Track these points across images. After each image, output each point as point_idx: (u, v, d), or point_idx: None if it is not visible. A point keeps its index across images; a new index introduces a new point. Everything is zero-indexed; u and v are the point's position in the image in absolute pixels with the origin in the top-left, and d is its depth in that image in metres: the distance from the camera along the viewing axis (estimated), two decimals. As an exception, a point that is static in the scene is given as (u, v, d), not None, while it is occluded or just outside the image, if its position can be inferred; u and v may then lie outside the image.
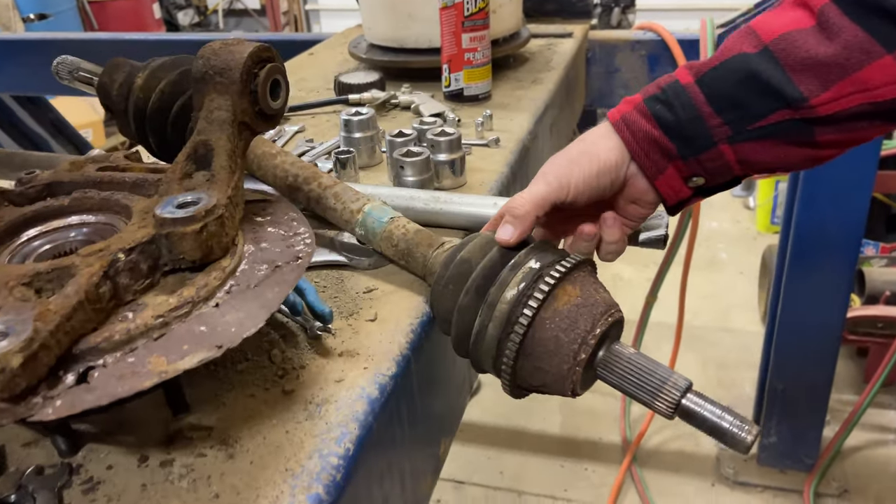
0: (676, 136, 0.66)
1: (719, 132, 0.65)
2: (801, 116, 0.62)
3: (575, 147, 0.71)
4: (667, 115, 0.66)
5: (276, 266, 0.55)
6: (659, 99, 0.67)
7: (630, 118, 0.68)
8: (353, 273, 0.77)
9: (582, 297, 0.61)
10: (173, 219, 0.51)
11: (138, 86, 0.88)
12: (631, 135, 0.68)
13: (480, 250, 0.66)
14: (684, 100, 0.65)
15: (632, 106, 0.68)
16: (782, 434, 2.00)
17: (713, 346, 2.63)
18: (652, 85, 0.69)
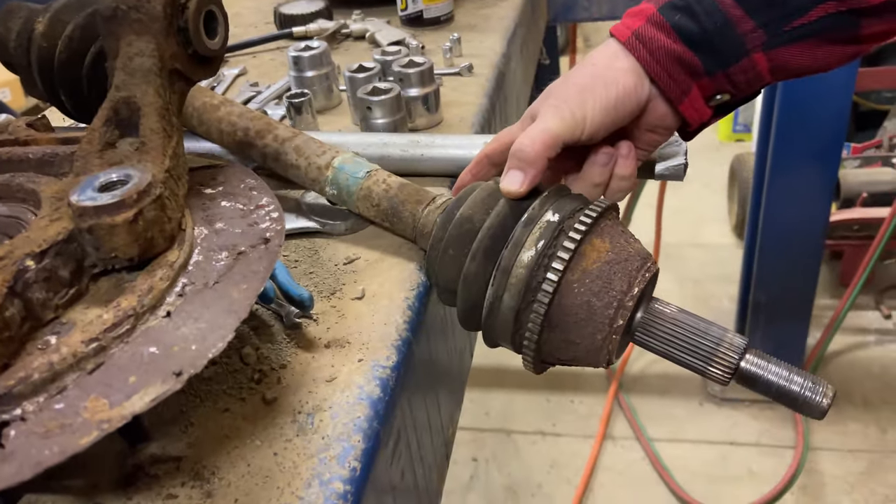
0: (702, 48, 0.56)
1: (753, 38, 0.55)
2: (849, 7, 0.54)
3: (582, 71, 0.59)
4: (689, 26, 0.56)
5: (238, 253, 0.43)
6: (677, 6, 0.56)
7: (645, 34, 0.57)
8: (328, 241, 0.65)
9: (613, 251, 0.51)
10: (95, 207, 0.38)
11: (40, 33, 0.72)
12: (649, 53, 0.57)
13: (483, 205, 0.55)
14: (708, 4, 0.55)
15: (643, 19, 0.58)
16: (766, 346, 1.98)
17: (687, 262, 2.59)
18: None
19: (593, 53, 0.61)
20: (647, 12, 0.58)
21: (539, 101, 0.60)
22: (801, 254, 1.82)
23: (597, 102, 0.57)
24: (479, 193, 0.56)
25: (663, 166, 0.66)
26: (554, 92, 0.59)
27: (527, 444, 2.01)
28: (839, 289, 2.28)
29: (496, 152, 0.61)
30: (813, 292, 1.89)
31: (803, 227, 1.79)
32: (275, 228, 0.45)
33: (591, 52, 0.61)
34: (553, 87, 0.60)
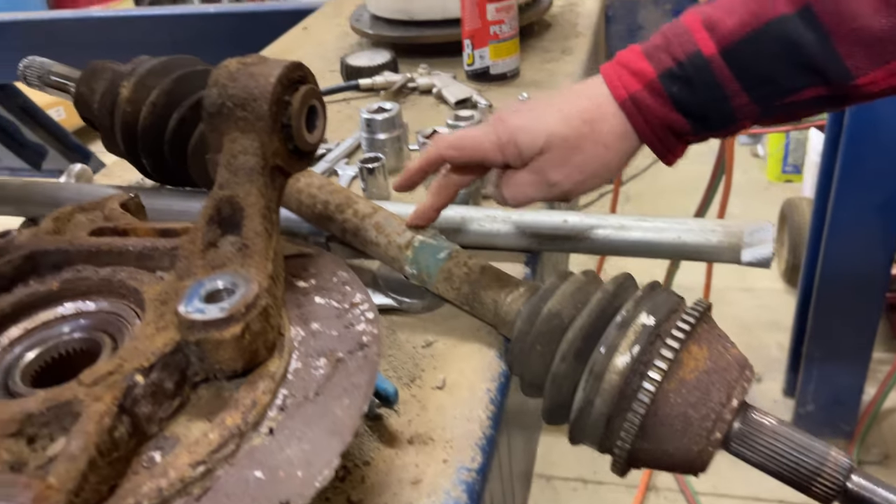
0: (695, 116, 0.56)
1: (745, 111, 0.55)
2: (840, 93, 0.53)
3: (571, 119, 0.57)
4: (687, 98, 0.55)
5: (337, 359, 0.43)
6: (676, 76, 0.55)
7: (642, 102, 0.56)
8: (405, 318, 0.64)
9: (711, 359, 0.49)
10: (204, 322, 0.38)
11: (125, 97, 0.73)
12: (644, 121, 0.56)
13: (572, 299, 0.54)
14: (707, 78, 0.54)
15: (641, 83, 0.56)
16: (819, 402, 1.92)
17: (734, 307, 2.53)
18: (663, 48, 0.55)
19: (582, 93, 0.59)
20: (646, 76, 0.56)
21: (516, 114, 0.59)
22: (859, 307, 1.77)
23: (582, 168, 0.58)
24: (568, 287, 0.55)
25: (750, 255, 0.64)
26: (532, 128, 0.57)
27: (567, 491, 1.97)
28: (894, 342, 2.21)
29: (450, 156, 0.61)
30: (871, 347, 1.82)
31: (863, 280, 1.74)
32: (371, 332, 0.45)
33: (580, 88, 0.59)
34: (528, 113, 0.59)
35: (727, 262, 0.66)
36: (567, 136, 0.57)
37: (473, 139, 0.59)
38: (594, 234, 0.68)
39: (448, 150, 0.60)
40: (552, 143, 0.57)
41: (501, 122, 0.58)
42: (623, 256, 0.70)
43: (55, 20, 1.98)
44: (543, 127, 0.57)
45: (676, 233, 0.67)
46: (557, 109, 0.58)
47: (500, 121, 0.59)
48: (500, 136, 0.58)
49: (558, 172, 0.58)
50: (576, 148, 0.57)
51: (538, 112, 0.58)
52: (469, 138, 0.59)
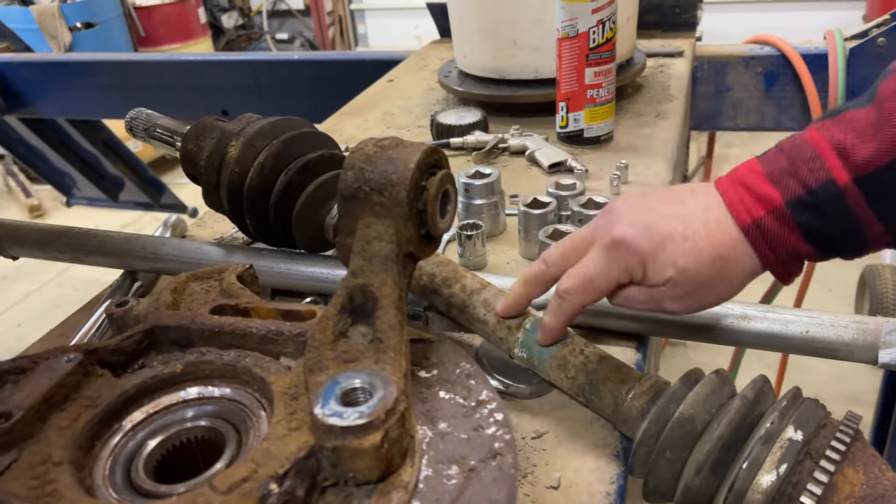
0: (823, 244, 0.53)
1: (878, 240, 0.52)
2: None
3: (702, 255, 0.53)
4: (817, 227, 0.51)
5: (469, 469, 0.40)
6: (807, 205, 0.51)
7: (769, 229, 0.52)
8: (513, 405, 0.61)
9: (868, 484, 0.45)
10: (343, 427, 0.35)
11: (233, 157, 0.73)
12: (771, 250, 0.53)
13: (706, 403, 0.50)
14: (841, 209, 0.50)
15: (765, 208, 0.52)
16: (907, 487, 1.80)
17: (810, 376, 2.42)
18: (790, 173, 0.51)
19: (707, 216, 0.54)
20: (772, 202, 0.52)
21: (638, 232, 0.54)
22: (955, 391, 1.66)
23: (710, 302, 0.56)
24: (702, 389, 0.51)
25: (889, 356, 0.60)
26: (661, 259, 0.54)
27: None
28: None
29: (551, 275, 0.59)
30: (966, 433, 1.70)
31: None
32: (504, 438, 0.42)
33: (700, 207, 0.54)
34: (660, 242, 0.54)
35: (861, 362, 0.61)
36: (697, 276, 0.53)
37: (602, 275, 0.55)
38: (712, 323, 0.64)
39: (578, 296, 0.56)
40: (679, 281, 0.53)
41: (625, 247, 0.54)
42: (740, 346, 0.66)
43: (143, 62, 2.04)
44: (672, 261, 0.53)
45: (805, 326, 0.62)
46: (686, 238, 0.53)
47: (622, 245, 0.54)
48: (627, 265, 0.55)
49: (676, 305, 0.55)
50: (703, 287, 0.54)
51: (666, 235, 0.53)
52: (597, 276, 0.55)
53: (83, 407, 0.41)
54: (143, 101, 0.93)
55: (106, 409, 0.41)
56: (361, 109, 1.32)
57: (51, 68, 2.05)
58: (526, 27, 1.14)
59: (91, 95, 2.09)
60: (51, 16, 3.97)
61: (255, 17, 5.68)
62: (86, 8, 4.06)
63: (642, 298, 0.56)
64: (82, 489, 0.36)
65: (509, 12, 1.14)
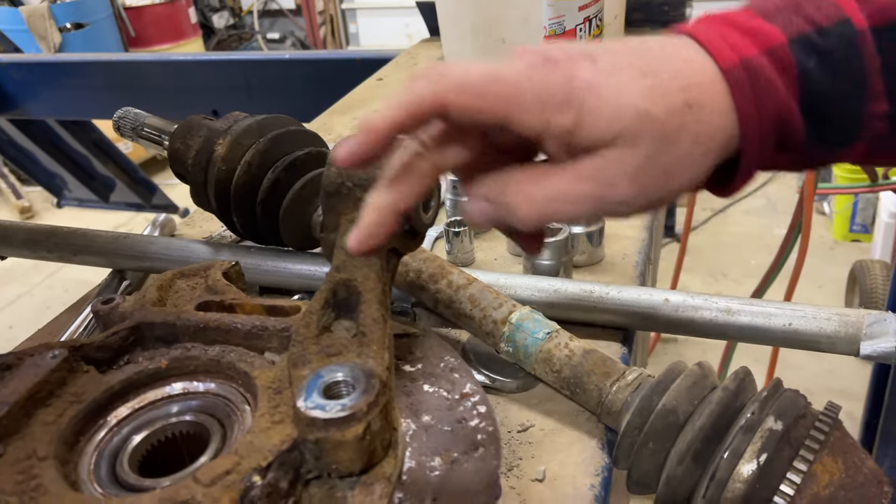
0: (816, 115, 0.38)
1: (873, 125, 0.39)
2: None
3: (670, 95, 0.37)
4: (821, 81, 0.37)
5: (452, 460, 0.40)
6: (817, 48, 0.37)
7: (760, 73, 0.37)
8: (498, 399, 0.62)
9: (847, 473, 0.45)
10: (325, 420, 0.36)
11: (220, 155, 0.73)
12: (756, 105, 0.37)
13: (688, 395, 0.51)
14: (854, 62, 0.37)
15: (761, 45, 0.38)
16: None
17: (798, 371, 2.43)
18: (791, 9, 0.39)
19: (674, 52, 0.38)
20: (770, 38, 0.38)
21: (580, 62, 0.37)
22: (943, 385, 1.67)
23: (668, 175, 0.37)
24: (684, 381, 0.52)
25: (870, 348, 0.60)
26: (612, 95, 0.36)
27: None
28: (976, 418, 2.08)
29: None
30: (954, 427, 1.72)
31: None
32: (487, 430, 0.42)
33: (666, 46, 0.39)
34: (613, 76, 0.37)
35: (843, 354, 0.62)
36: (664, 123, 0.36)
37: (506, 82, 0.37)
38: (697, 317, 0.65)
39: (460, 96, 0.37)
40: (641, 132, 0.36)
41: (556, 65, 0.37)
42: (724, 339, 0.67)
43: (133, 62, 2.04)
44: (629, 99, 0.36)
45: (788, 319, 0.63)
46: (647, 73, 0.37)
47: (553, 63, 0.37)
48: (551, 86, 0.36)
49: (635, 183, 0.37)
50: (670, 145, 0.37)
51: (617, 67, 0.37)
52: (499, 80, 0.37)
53: (68, 403, 0.41)
54: (132, 102, 0.93)
55: (91, 404, 0.41)
56: (350, 108, 1.32)
57: (40, 69, 2.04)
58: (514, 25, 1.15)
59: (81, 96, 2.09)
60: (40, 16, 3.95)
61: (246, 16, 5.67)
62: (75, 8, 4.04)
63: (574, 185, 0.37)
64: (67, 484, 0.37)
65: (497, 11, 1.14)
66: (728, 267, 3.07)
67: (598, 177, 0.37)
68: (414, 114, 0.37)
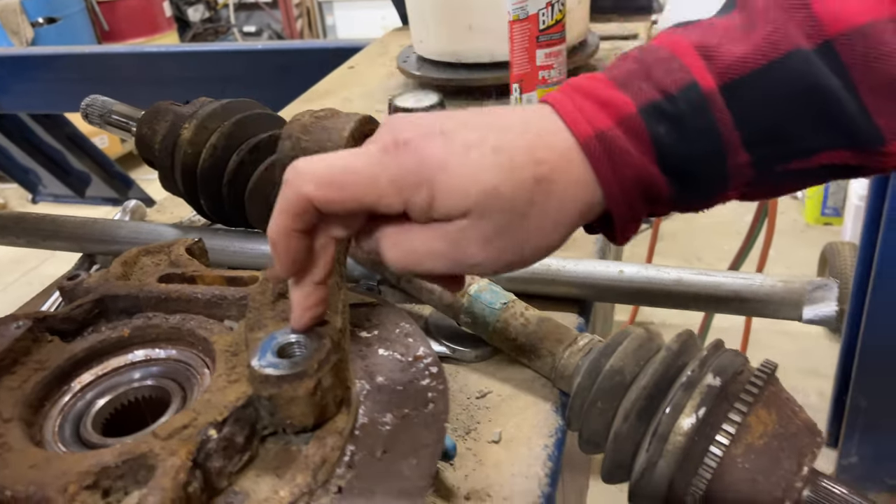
0: (678, 176, 0.40)
1: (740, 175, 0.40)
2: (860, 163, 0.39)
3: (521, 171, 0.38)
4: (674, 145, 0.39)
5: (403, 415, 0.42)
6: (665, 114, 0.39)
7: (615, 144, 0.39)
8: (458, 368, 0.64)
9: (780, 423, 0.48)
10: (277, 376, 0.38)
11: (186, 139, 0.75)
12: (613, 174, 0.39)
13: (634, 356, 0.53)
14: (704, 123, 0.38)
15: (613, 117, 0.39)
16: (864, 454, 1.87)
17: (770, 351, 2.47)
18: (641, 73, 0.40)
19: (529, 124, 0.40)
20: (621, 109, 0.39)
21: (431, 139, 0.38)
22: (906, 359, 1.72)
23: (520, 245, 0.39)
24: (630, 343, 0.54)
25: (812, 312, 0.63)
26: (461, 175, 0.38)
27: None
28: (941, 393, 2.14)
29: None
30: (918, 400, 1.77)
31: (911, 333, 1.69)
32: (437, 388, 0.44)
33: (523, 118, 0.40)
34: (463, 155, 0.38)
35: (788, 319, 0.65)
36: (513, 199, 0.38)
37: (359, 172, 0.38)
38: (651, 287, 0.67)
39: (319, 190, 0.38)
40: (488, 207, 0.38)
41: (406, 149, 0.38)
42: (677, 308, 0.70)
43: (106, 54, 2.04)
44: (479, 177, 0.37)
45: (735, 287, 0.66)
46: (499, 149, 0.38)
47: (404, 147, 0.38)
48: (403, 171, 0.38)
49: (484, 250, 0.39)
50: (520, 219, 0.38)
51: (469, 145, 0.38)
52: (352, 171, 0.38)
53: (32, 370, 0.43)
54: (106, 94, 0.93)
55: (55, 371, 0.43)
56: (321, 96, 1.34)
57: (10, 62, 2.03)
58: (480, 11, 1.16)
59: (53, 89, 2.08)
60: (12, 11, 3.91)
61: (221, 10, 5.63)
62: (47, 3, 4.00)
63: (432, 243, 0.39)
64: (32, 443, 0.38)
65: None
66: (702, 252, 3.12)
67: (451, 239, 0.39)
68: (294, 214, 0.39)
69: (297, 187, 0.38)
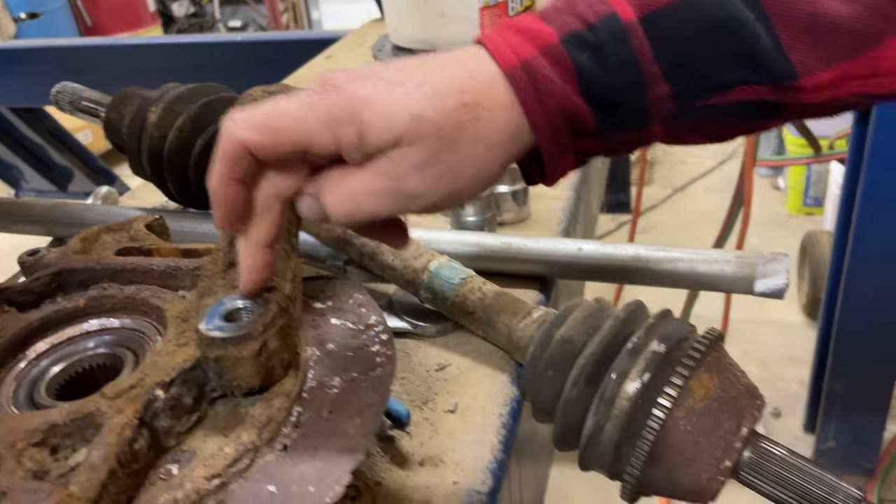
0: (602, 105, 0.42)
1: (660, 107, 0.42)
2: (776, 99, 0.42)
3: (446, 98, 0.40)
4: (596, 74, 0.41)
5: (350, 379, 0.44)
6: (587, 43, 0.41)
7: (539, 71, 0.41)
8: (419, 343, 0.65)
9: (721, 387, 0.50)
10: (223, 339, 0.39)
11: (152, 122, 0.76)
12: (538, 102, 0.41)
13: (584, 325, 0.55)
14: (624, 52, 0.41)
15: (537, 47, 0.41)
16: (840, 438, 1.89)
17: (752, 340, 2.51)
18: (565, 6, 0.42)
19: (459, 61, 0.42)
20: (545, 39, 0.41)
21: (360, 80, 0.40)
22: (881, 343, 1.75)
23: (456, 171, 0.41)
24: (580, 313, 0.56)
25: (764, 285, 0.65)
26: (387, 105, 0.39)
27: (581, 524, 1.95)
28: (917, 379, 2.17)
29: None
30: (892, 385, 1.80)
31: (885, 317, 1.72)
32: (385, 354, 0.45)
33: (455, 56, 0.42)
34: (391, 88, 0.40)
35: (741, 293, 0.67)
36: (441, 124, 0.39)
37: (290, 115, 0.39)
38: (609, 264, 0.69)
39: (252, 133, 0.39)
40: (417, 132, 0.39)
41: (335, 90, 0.40)
42: (638, 285, 0.71)
43: (86, 47, 2.03)
44: (405, 105, 0.39)
45: (691, 263, 0.67)
46: (424, 82, 0.40)
47: (333, 88, 0.40)
48: (332, 109, 0.39)
49: (421, 178, 0.40)
50: (450, 142, 0.40)
51: (396, 82, 0.40)
52: (284, 114, 0.39)
53: (-12, 339, 0.44)
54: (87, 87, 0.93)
55: (10, 339, 0.44)
56: (298, 84, 1.34)
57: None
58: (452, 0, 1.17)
59: (34, 82, 2.07)
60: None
61: (206, 5, 5.61)
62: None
63: (370, 183, 0.40)
64: (-16, 407, 0.39)
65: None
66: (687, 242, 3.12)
67: (388, 173, 0.40)
68: (230, 161, 0.40)
69: (232, 133, 0.39)
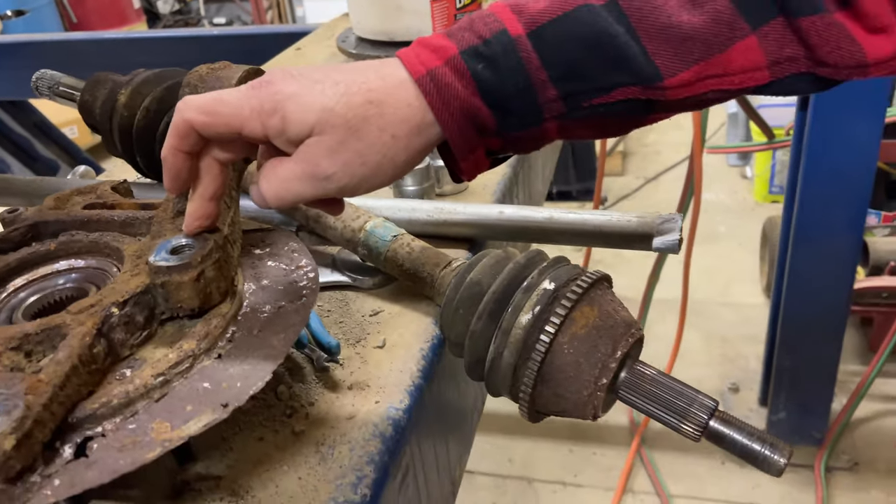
0: (499, 107, 0.50)
1: (551, 108, 0.51)
2: (647, 97, 0.50)
3: (354, 96, 0.48)
4: (491, 80, 0.49)
5: (279, 306, 0.52)
6: (482, 55, 0.49)
7: (442, 79, 0.49)
8: (358, 294, 0.74)
9: (600, 318, 0.59)
10: (168, 267, 0.48)
11: (122, 103, 0.84)
12: (443, 104, 0.49)
13: (491, 270, 0.63)
14: (514, 61, 0.49)
15: (441, 59, 0.49)
16: (790, 410, 2.00)
17: (715, 321, 2.62)
18: (466, 26, 0.51)
19: (372, 68, 0.50)
20: (447, 52, 0.49)
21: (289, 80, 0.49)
22: (824, 321, 1.85)
23: (363, 156, 0.49)
24: (489, 261, 0.64)
25: (660, 242, 0.74)
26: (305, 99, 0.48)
27: (547, 493, 2.05)
28: (869, 355, 2.28)
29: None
30: (837, 357, 1.90)
31: (828, 292, 1.82)
32: (310, 287, 0.54)
33: (370, 64, 0.51)
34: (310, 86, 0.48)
35: (641, 249, 0.76)
36: (346, 116, 0.48)
37: (229, 103, 0.48)
38: (527, 225, 0.78)
39: (197, 115, 0.48)
40: (327, 123, 0.47)
41: (268, 85, 0.48)
42: (553, 244, 0.80)
43: (70, 41, 2.10)
44: (318, 100, 0.48)
45: (598, 223, 0.76)
46: (339, 81, 0.48)
47: (266, 84, 0.49)
48: (262, 101, 0.48)
49: (333, 162, 0.48)
50: (356, 132, 0.48)
51: (317, 80, 0.49)
52: (224, 102, 0.48)
53: (-28, 276, 0.52)
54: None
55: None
56: (267, 75, 1.42)
57: (-25, 51, 2.09)
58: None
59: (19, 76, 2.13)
60: (-21, 4, 3.94)
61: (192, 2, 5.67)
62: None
63: (295, 168, 0.49)
64: (-30, 326, 0.48)
65: (392, -21, 1.26)
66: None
67: (306, 158, 0.48)
68: (179, 136, 0.49)
69: (182, 113, 0.49)
